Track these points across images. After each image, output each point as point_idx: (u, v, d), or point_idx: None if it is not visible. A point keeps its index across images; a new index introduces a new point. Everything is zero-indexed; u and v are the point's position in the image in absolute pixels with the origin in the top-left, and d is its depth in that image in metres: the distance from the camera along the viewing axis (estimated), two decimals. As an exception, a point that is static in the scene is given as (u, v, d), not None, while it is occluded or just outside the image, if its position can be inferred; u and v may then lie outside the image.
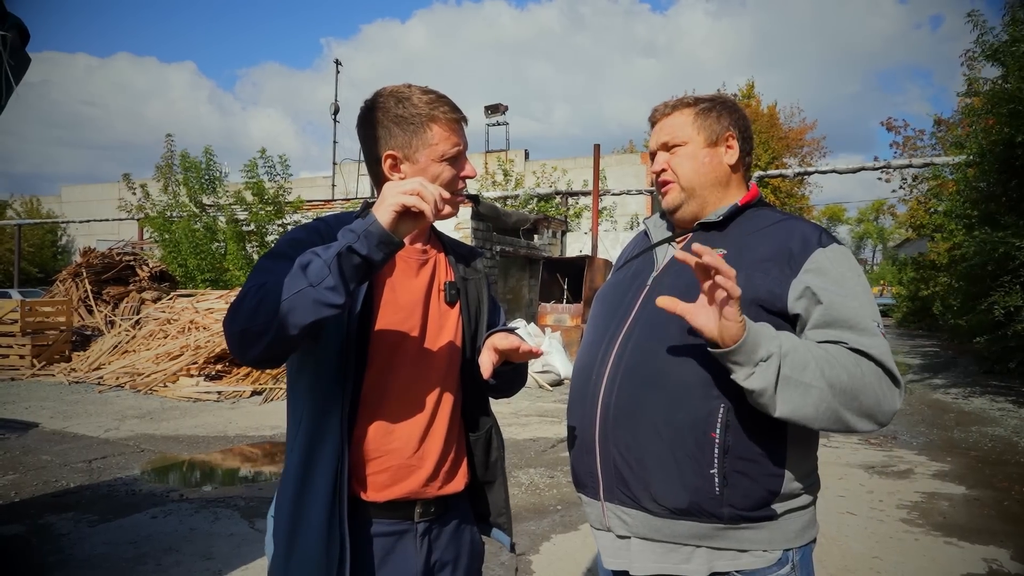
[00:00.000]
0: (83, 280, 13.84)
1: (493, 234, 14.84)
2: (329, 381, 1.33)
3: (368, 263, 1.18)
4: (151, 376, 9.53)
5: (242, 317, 1.20)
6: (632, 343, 1.46)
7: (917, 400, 9.62)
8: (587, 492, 1.52)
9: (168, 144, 14.76)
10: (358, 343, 1.34)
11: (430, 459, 1.41)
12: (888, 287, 38.62)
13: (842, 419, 1.30)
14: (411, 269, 1.47)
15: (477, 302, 1.57)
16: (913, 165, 15.62)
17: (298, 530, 1.31)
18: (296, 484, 1.34)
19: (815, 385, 1.27)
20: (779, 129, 25.29)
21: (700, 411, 1.35)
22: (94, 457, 5.93)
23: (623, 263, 1.70)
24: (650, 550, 1.42)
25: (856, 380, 1.29)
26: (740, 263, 1.40)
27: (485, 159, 25.66)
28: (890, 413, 1.33)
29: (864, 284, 1.43)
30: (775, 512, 1.38)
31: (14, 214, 35.89)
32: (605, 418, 1.44)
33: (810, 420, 1.29)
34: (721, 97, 1.61)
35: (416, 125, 1.40)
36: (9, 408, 8.16)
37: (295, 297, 1.15)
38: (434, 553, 1.44)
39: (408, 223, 1.20)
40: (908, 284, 25.61)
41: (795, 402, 1.27)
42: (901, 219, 27.17)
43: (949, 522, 4.57)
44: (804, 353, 1.29)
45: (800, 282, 1.38)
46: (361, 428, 1.36)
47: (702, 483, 1.35)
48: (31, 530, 4.16)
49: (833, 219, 57.74)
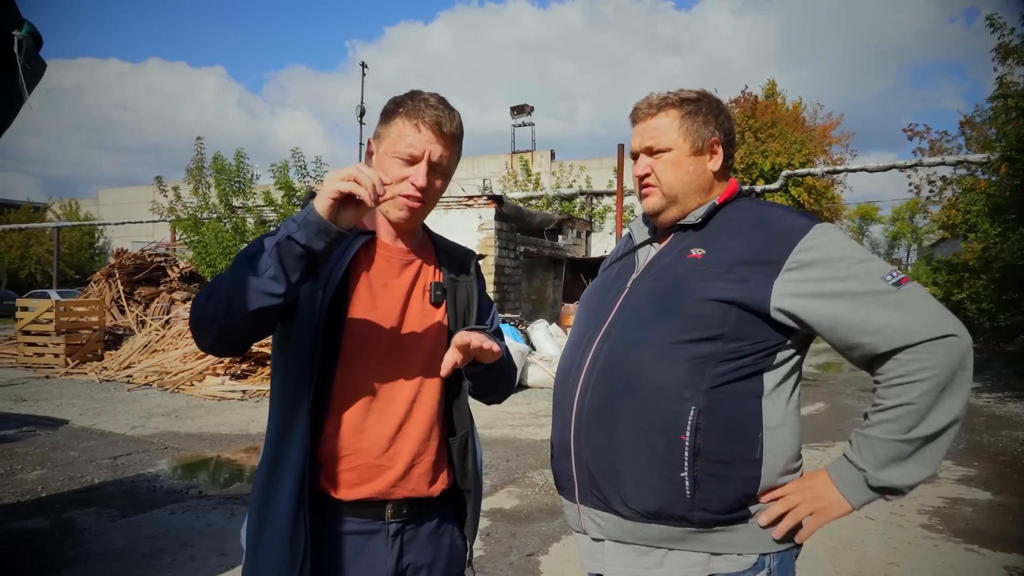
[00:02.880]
0: (116, 281, 14.15)
1: (517, 235, 14.86)
2: (298, 377, 1.34)
3: (310, 252, 1.19)
4: (178, 375, 9.72)
5: (198, 306, 1.24)
6: (608, 346, 1.45)
7: (947, 403, 9.40)
8: (565, 494, 1.51)
9: (199, 147, 15.03)
10: (328, 340, 1.35)
11: (401, 460, 1.41)
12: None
13: (949, 425, 1.30)
14: (393, 268, 1.47)
15: (466, 304, 1.55)
16: (946, 163, 15.30)
17: (265, 524, 1.32)
18: (265, 478, 1.36)
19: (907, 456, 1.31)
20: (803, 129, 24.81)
21: (670, 414, 1.34)
22: (119, 454, 6.08)
23: (607, 265, 1.70)
24: (622, 553, 1.41)
25: (916, 409, 1.29)
26: (720, 261, 1.40)
27: (511, 160, 25.68)
28: (966, 363, 1.30)
29: (855, 252, 1.37)
30: (750, 513, 1.36)
31: (53, 216, 36.90)
32: (579, 420, 1.44)
33: (938, 462, 1.33)
34: (707, 96, 1.57)
35: (388, 116, 1.43)
36: (42, 405, 8.39)
37: (238, 286, 1.17)
38: (407, 555, 1.43)
39: (349, 211, 1.21)
40: (943, 286, 25.00)
41: (913, 474, 1.32)
42: (934, 218, 26.52)
43: (971, 528, 4.47)
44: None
45: (784, 286, 1.35)
46: (332, 425, 1.37)
47: (672, 486, 1.33)
48: (54, 524, 4.27)
49: (866, 218, 56.63)
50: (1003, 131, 10.15)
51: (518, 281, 14.94)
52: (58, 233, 30.10)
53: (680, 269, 1.44)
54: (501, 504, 4.86)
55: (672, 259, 1.48)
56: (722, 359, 1.35)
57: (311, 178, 14.52)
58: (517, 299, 14.84)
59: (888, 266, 1.36)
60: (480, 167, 34.70)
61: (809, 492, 1.36)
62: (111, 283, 14.22)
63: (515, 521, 4.50)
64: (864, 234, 59.29)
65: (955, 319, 1.31)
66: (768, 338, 1.37)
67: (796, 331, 1.38)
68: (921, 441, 1.29)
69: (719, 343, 1.35)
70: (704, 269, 1.41)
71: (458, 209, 14.24)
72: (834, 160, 25.24)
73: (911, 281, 1.33)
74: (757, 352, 1.37)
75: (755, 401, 1.37)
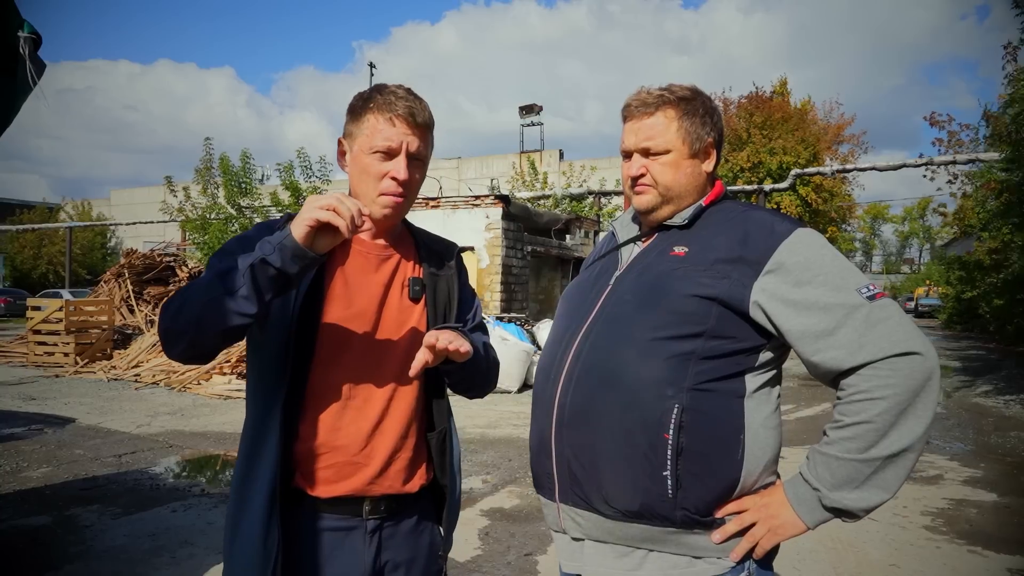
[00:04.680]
0: (125, 280, 14.27)
1: (524, 234, 14.85)
2: (272, 374, 1.34)
3: (283, 275, 1.20)
4: (185, 374, 9.78)
5: (167, 317, 1.24)
6: (590, 342, 1.44)
7: (955, 404, 9.33)
8: (544, 493, 1.50)
9: (207, 147, 15.13)
10: (303, 338, 1.35)
11: (378, 457, 1.40)
12: (935, 288, 37.47)
13: (908, 447, 1.26)
14: (370, 264, 1.46)
15: (446, 299, 1.54)
16: (957, 161, 15.13)
17: (241, 519, 1.33)
18: (241, 474, 1.36)
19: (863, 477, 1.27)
20: (812, 126, 24.60)
21: (653, 411, 1.33)
22: (124, 452, 6.12)
23: (590, 263, 1.69)
24: (602, 554, 1.40)
25: (874, 428, 1.25)
26: (702, 258, 1.39)
27: (520, 160, 25.68)
28: (931, 384, 1.26)
29: (834, 261, 1.36)
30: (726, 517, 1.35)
31: (67, 217, 37.23)
32: (560, 418, 1.43)
33: (897, 487, 1.29)
34: (700, 93, 1.55)
35: (358, 113, 1.42)
36: (50, 404, 8.47)
37: (210, 303, 1.18)
38: (385, 552, 1.43)
39: (326, 238, 1.21)
40: (955, 284, 24.81)
41: (870, 498, 1.28)
42: (949, 218, 26.29)
43: (975, 530, 4.42)
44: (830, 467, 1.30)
45: (762, 287, 1.34)
46: (308, 424, 1.37)
47: (654, 485, 1.32)
48: (57, 521, 4.31)
49: (877, 218, 56.20)
50: (1014, 119, 9.99)
51: (525, 281, 14.92)
52: (70, 233, 30.36)
53: (663, 266, 1.44)
54: (501, 504, 4.86)
55: (655, 256, 1.48)
56: (704, 356, 1.34)
57: (316, 178, 14.58)
58: (524, 299, 14.82)
59: (865, 279, 1.34)
60: (488, 167, 34.70)
61: (764, 511, 1.33)
62: (121, 283, 14.33)
63: (514, 521, 4.49)
64: (876, 234, 58.83)
65: (924, 338, 1.28)
66: (749, 338, 1.37)
67: (775, 335, 1.37)
68: (879, 463, 1.25)
69: (700, 340, 1.35)
70: (687, 266, 1.40)
71: (465, 209, 14.25)
72: (842, 158, 25.05)
73: (886, 296, 1.31)
74: (739, 352, 1.36)
75: (738, 401, 1.36)
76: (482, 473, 5.66)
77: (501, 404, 8.91)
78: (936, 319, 30.78)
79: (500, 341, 9.78)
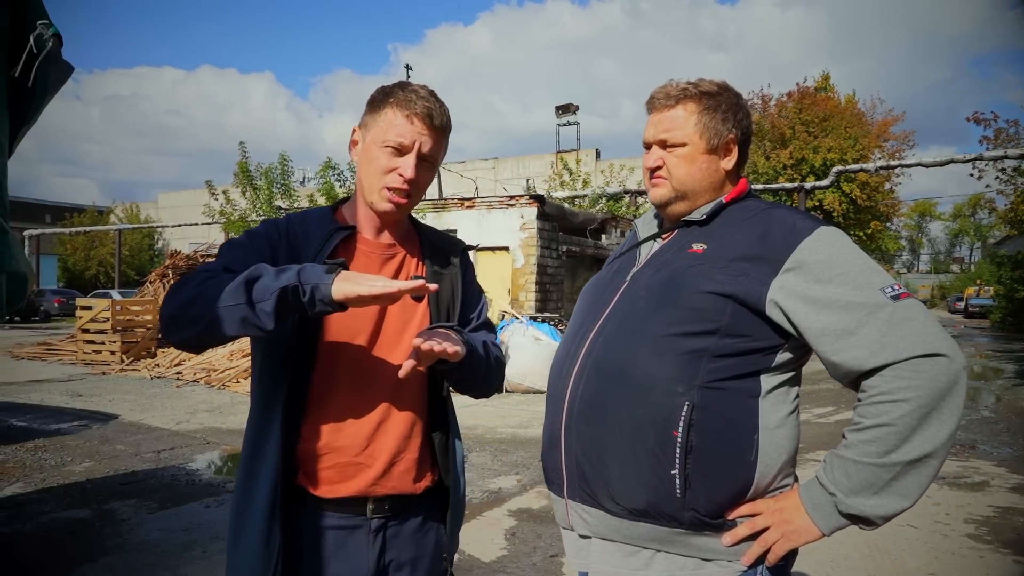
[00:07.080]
0: (169, 281, 14.64)
1: (559, 234, 14.80)
2: (274, 374, 1.34)
3: (306, 310, 1.22)
4: (224, 372, 9.99)
5: (177, 303, 1.24)
6: (602, 338, 1.42)
7: (1004, 407, 8.99)
8: (554, 489, 1.48)
9: (242, 150, 15.45)
10: (305, 338, 1.35)
11: (381, 457, 1.39)
12: (986, 287, 36.23)
13: (931, 453, 1.20)
14: (373, 263, 1.46)
15: (450, 297, 1.53)
16: (1008, 156, 14.62)
17: (244, 517, 1.33)
18: (244, 473, 1.37)
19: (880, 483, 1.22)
20: (865, 125, 23.92)
21: (663, 408, 1.30)
22: (163, 448, 6.27)
23: (611, 260, 1.67)
24: (609, 552, 1.38)
25: (896, 431, 1.20)
26: (720, 255, 1.37)
27: (556, 159, 25.62)
28: (956, 388, 1.21)
29: (856, 260, 1.32)
30: (739, 520, 1.31)
31: (116, 219, 38.38)
32: (571, 413, 1.41)
33: (918, 495, 1.23)
34: (727, 90, 1.52)
35: (377, 105, 1.41)
36: (96, 400, 8.74)
37: (230, 309, 1.19)
38: (389, 551, 1.42)
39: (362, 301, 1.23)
40: (1007, 283, 23.94)
41: (888, 505, 1.23)
42: (1001, 214, 25.38)
43: (1022, 539, 4.24)
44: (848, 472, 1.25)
45: (780, 285, 1.30)
46: (310, 424, 1.37)
47: (662, 484, 1.29)
48: (96, 514, 4.43)
49: (924, 215, 54.62)
50: None
51: (560, 281, 14.88)
52: (119, 235, 31.29)
53: (679, 263, 1.42)
54: (529, 504, 4.84)
55: (673, 253, 1.46)
56: (717, 354, 1.31)
57: (351, 182, 14.76)
58: (559, 299, 14.77)
59: (890, 278, 1.30)
60: (524, 167, 34.70)
61: (778, 515, 1.29)
62: (165, 283, 14.73)
63: (541, 522, 4.47)
64: (923, 231, 57.13)
65: (950, 339, 1.23)
66: (766, 337, 1.33)
67: (793, 335, 1.33)
68: (899, 468, 1.20)
69: (714, 338, 1.32)
70: (703, 263, 1.38)
71: (500, 209, 14.27)
72: (890, 154, 24.36)
73: (911, 297, 1.26)
74: (754, 351, 1.33)
75: (752, 401, 1.33)
76: (512, 473, 5.65)
77: (533, 404, 8.89)
78: (987, 319, 29.74)
79: (534, 341, 9.76)
